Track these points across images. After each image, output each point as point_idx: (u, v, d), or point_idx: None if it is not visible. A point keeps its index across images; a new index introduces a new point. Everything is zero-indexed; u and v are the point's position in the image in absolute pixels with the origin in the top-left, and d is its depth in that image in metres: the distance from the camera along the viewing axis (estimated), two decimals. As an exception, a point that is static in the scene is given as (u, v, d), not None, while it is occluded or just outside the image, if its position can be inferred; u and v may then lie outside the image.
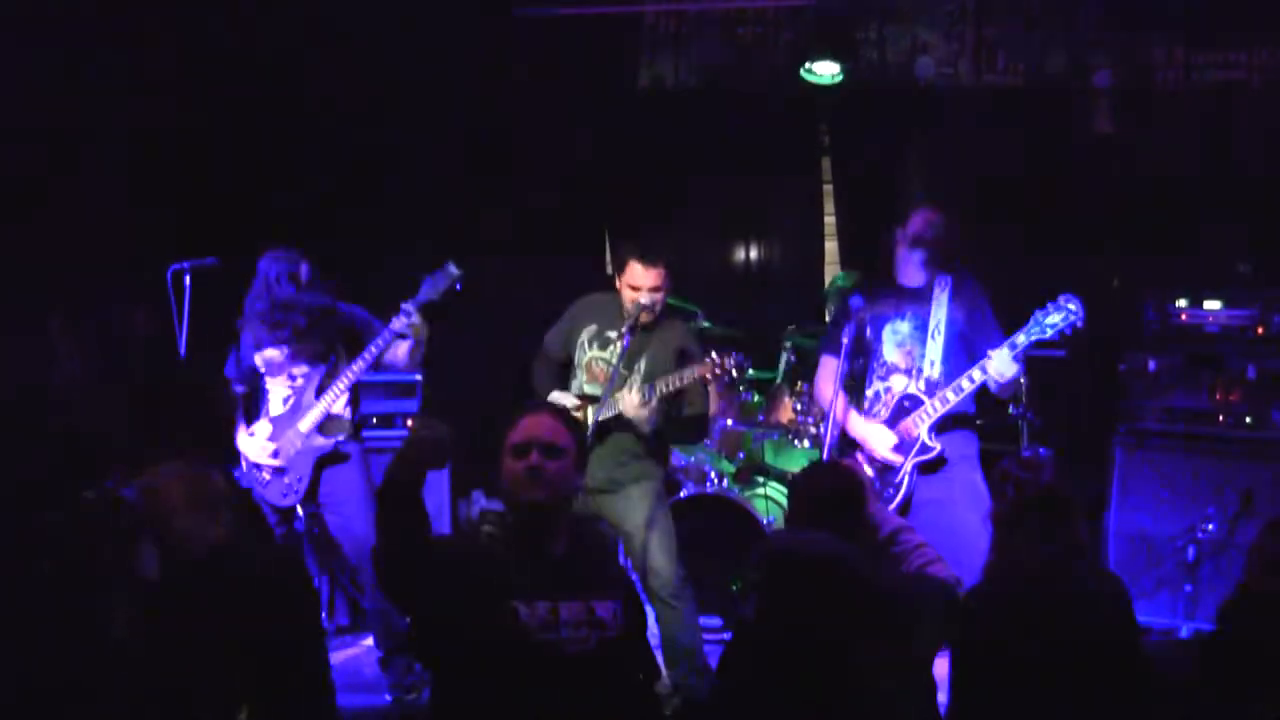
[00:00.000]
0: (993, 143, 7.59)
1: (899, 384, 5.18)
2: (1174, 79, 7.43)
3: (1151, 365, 6.32)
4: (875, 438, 5.15)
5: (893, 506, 5.02)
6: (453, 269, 5.64)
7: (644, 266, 5.28)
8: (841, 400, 5.23)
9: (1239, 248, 6.85)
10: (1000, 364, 4.91)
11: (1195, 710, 3.36)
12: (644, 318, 5.32)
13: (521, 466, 3.46)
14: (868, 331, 5.23)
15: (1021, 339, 4.93)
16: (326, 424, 5.67)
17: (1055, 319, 4.89)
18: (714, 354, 5.12)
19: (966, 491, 5.06)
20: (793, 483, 4.05)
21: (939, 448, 5.06)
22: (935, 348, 5.13)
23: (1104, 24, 7.49)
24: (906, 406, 5.13)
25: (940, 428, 5.08)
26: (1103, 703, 3.53)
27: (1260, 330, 6.22)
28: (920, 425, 5.07)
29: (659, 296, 5.32)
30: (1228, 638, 3.59)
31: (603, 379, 5.38)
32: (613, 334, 5.40)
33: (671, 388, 5.15)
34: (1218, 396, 6.23)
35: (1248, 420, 6.16)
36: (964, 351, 5.13)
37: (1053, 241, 7.48)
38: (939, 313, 5.15)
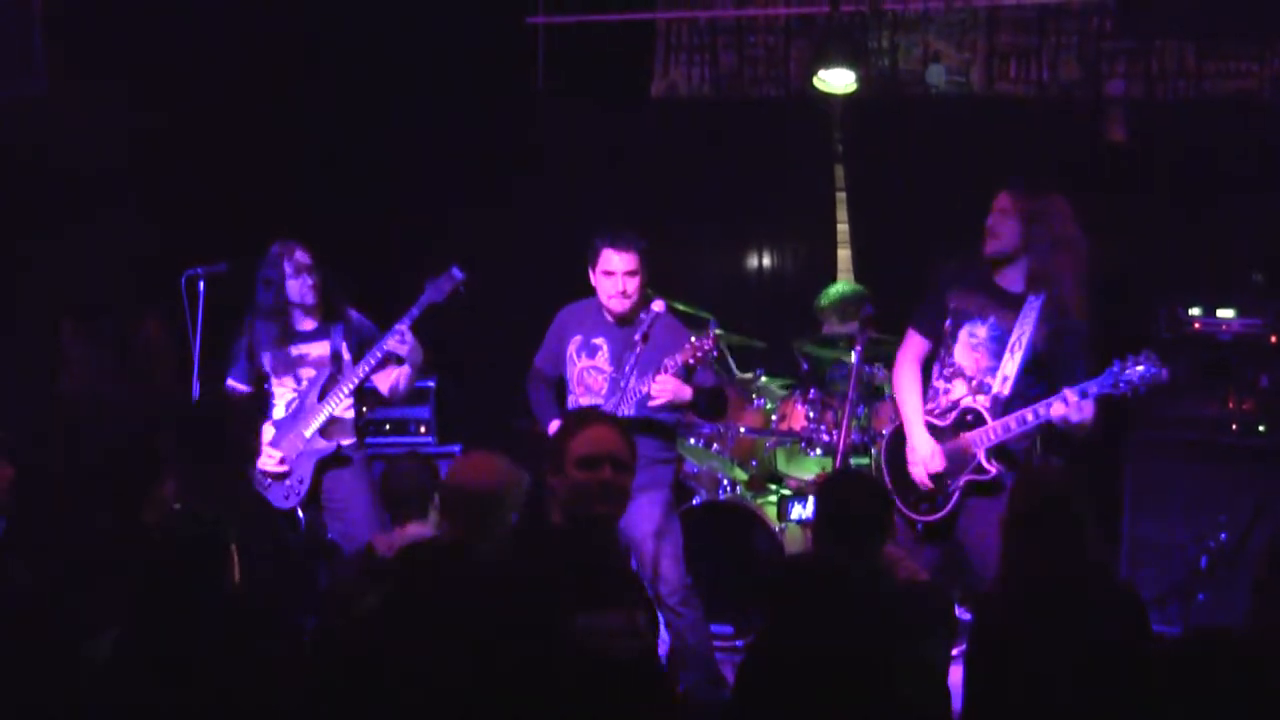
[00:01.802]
0: (1004, 151, 7.60)
1: (959, 390, 4.92)
2: (1185, 88, 7.44)
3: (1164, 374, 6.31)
4: (923, 453, 4.88)
5: (939, 515, 4.91)
6: (456, 273, 5.67)
7: (616, 251, 5.28)
8: (915, 399, 5.02)
9: (1252, 256, 6.84)
10: (1067, 409, 4.61)
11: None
12: (616, 307, 5.31)
13: (592, 479, 3.43)
14: (948, 323, 4.98)
15: (1093, 389, 4.61)
16: (328, 427, 5.72)
17: (1133, 375, 4.58)
18: (693, 338, 5.11)
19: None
20: (823, 488, 4.04)
21: (995, 472, 4.79)
22: (1011, 364, 4.80)
23: (1116, 33, 7.49)
24: (968, 421, 4.86)
25: (999, 456, 4.81)
26: (1117, 711, 3.53)
27: (1273, 339, 6.21)
28: (979, 446, 4.80)
29: (635, 281, 5.31)
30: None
31: (597, 388, 5.38)
32: (598, 339, 5.41)
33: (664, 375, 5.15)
34: (1230, 405, 6.23)
35: (1260, 429, 6.16)
36: (1039, 376, 4.83)
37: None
38: (1024, 328, 4.81)
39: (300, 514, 5.72)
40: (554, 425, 5.41)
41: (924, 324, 5.11)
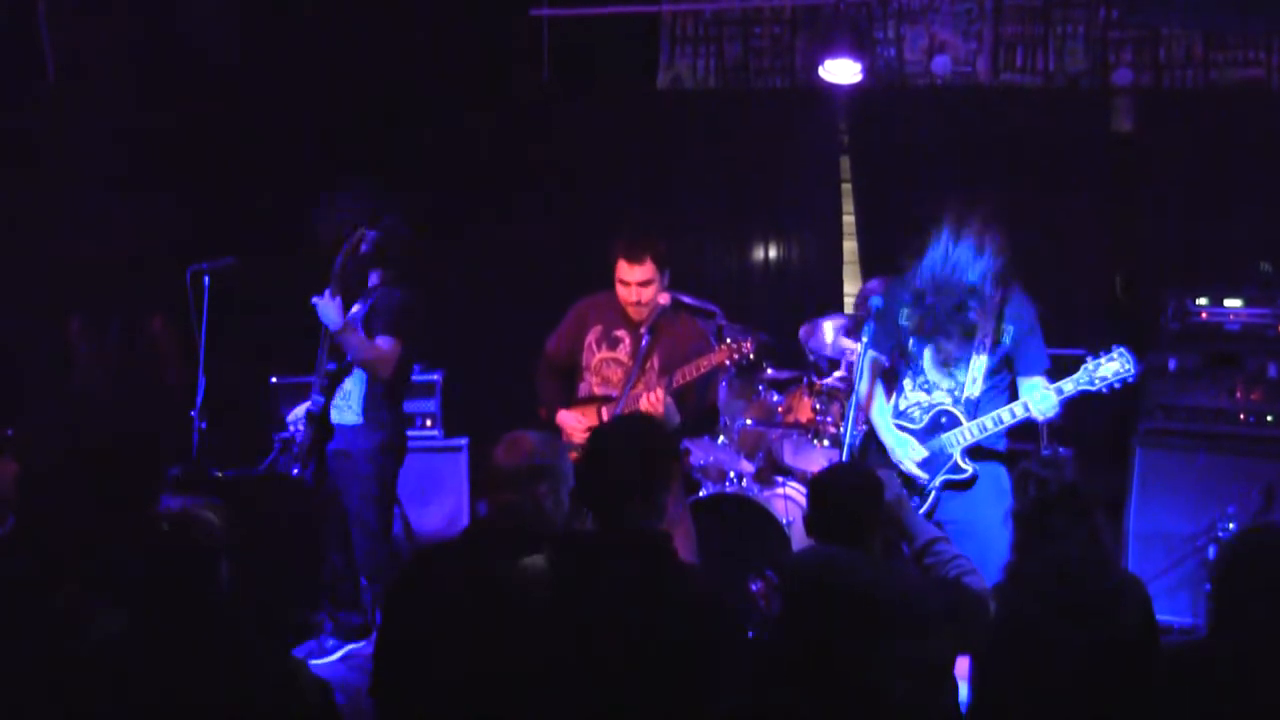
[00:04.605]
0: (1011, 141, 7.58)
1: (939, 398, 4.98)
2: (1192, 77, 7.41)
3: (1172, 364, 6.30)
4: (902, 449, 4.98)
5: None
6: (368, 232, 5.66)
7: (629, 262, 5.26)
8: (876, 399, 5.11)
9: (1259, 246, 6.82)
10: (1042, 408, 4.74)
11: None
12: (632, 314, 5.31)
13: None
14: (911, 343, 5.03)
15: (1069, 387, 4.73)
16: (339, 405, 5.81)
17: (1106, 371, 4.70)
18: (730, 339, 5.09)
19: (991, 487, 4.90)
20: (813, 483, 4.03)
21: (971, 471, 4.89)
22: (979, 365, 4.89)
23: (1122, 22, 7.46)
24: (943, 423, 4.94)
25: (974, 454, 4.91)
26: (1123, 702, 3.53)
27: (1281, 329, 6.21)
28: (955, 447, 4.90)
29: (650, 290, 5.29)
30: None
31: (615, 380, 5.37)
32: (620, 332, 5.39)
33: (689, 377, 5.14)
34: (1238, 395, 6.21)
35: (1268, 419, 6.14)
36: (1007, 371, 4.94)
37: (1071, 240, 7.47)
38: (985, 329, 4.88)
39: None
40: (562, 415, 5.42)
41: (881, 346, 5.12)
